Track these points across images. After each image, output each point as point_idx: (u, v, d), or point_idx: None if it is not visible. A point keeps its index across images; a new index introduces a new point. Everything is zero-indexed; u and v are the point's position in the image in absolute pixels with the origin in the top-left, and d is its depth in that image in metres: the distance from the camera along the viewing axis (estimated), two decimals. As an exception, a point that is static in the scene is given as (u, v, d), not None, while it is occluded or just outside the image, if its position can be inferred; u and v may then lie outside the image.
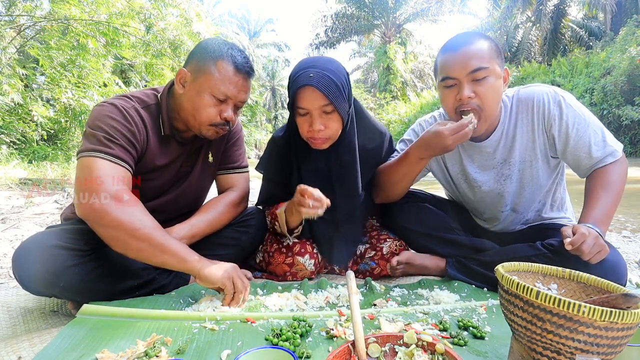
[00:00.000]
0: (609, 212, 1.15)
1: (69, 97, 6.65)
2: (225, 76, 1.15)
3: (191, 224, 1.25)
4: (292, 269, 1.42)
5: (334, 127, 1.23)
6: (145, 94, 1.24)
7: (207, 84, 1.15)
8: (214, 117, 1.18)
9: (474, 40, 1.15)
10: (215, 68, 1.15)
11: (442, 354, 0.73)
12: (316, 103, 1.17)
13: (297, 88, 1.18)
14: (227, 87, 1.16)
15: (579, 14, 19.22)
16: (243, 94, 1.21)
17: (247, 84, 1.21)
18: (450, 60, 1.16)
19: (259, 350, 0.75)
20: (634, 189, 5.05)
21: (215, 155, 1.38)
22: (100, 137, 1.06)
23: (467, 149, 1.36)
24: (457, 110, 1.18)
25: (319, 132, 1.21)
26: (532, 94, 1.24)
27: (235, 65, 1.16)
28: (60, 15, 6.13)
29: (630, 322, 0.60)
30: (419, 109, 18.79)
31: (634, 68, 10.64)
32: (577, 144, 1.20)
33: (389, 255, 1.46)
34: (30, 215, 3.15)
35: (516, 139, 1.28)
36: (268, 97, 26.82)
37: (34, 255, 0.99)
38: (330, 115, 1.20)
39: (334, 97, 1.16)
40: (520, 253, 1.24)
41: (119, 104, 1.13)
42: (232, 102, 1.20)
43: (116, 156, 1.06)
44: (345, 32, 23.56)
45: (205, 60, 1.16)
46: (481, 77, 1.12)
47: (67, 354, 0.82)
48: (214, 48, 1.17)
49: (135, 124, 1.14)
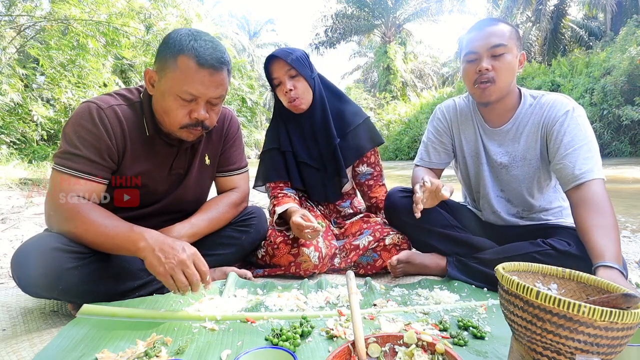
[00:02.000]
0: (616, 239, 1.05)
1: (69, 97, 6.65)
2: (187, 73, 1.03)
3: (191, 223, 1.24)
4: (297, 260, 1.47)
5: (302, 87, 1.56)
6: (129, 91, 1.18)
7: (169, 83, 1.05)
8: (183, 118, 1.08)
9: (497, 23, 1.28)
10: (176, 65, 1.03)
11: (442, 354, 0.73)
12: (282, 70, 1.54)
13: (267, 63, 1.57)
14: (191, 85, 1.04)
15: (579, 14, 19.21)
16: (213, 89, 1.07)
17: (216, 78, 1.06)
18: (474, 37, 1.28)
19: (259, 350, 0.75)
20: (634, 189, 5.05)
21: (213, 158, 1.35)
22: (66, 150, 1.06)
23: (485, 131, 1.43)
24: (475, 82, 1.29)
25: (291, 91, 1.54)
26: (551, 100, 1.30)
27: (197, 58, 1.02)
28: (60, 15, 6.13)
29: (630, 322, 0.60)
30: (419, 109, 18.78)
31: (634, 68, 10.63)
32: (567, 153, 1.21)
33: (391, 247, 1.54)
34: (30, 215, 3.15)
35: (523, 135, 1.34)
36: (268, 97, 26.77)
37: (33, 258, 0.98)
38: (297, 78, 1.55)
39: (293, 62, 1.52)
40: (522, 250, 1.25)
41: (94, 106, 1.08)
42: (203, 100, 1.08)
43: (80, 170, 1.06)
44: (345, 32, 23.54)
45: (166, 56, 1.05)
46: (499, 53, 1.24)
47: (67, 354, 0.82)
48: (174, 42, 1.04)
49: (107, 127, 1.08)
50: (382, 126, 19.83)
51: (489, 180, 1.45)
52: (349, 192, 1.82)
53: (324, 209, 1.80)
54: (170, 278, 0.97)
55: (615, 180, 5.93)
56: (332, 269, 1.58)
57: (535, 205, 1.40)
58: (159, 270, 0.97)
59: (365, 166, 1.73)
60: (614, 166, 8.18)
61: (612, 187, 5.07)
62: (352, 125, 1.69)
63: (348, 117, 1.70)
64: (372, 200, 1.75)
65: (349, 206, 1.81)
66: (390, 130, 19.51)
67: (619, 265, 0.98)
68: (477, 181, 1.49)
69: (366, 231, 1.61)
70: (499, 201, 1.45)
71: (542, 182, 1.37)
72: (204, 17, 8.57)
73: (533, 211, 1.42)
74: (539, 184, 1.37)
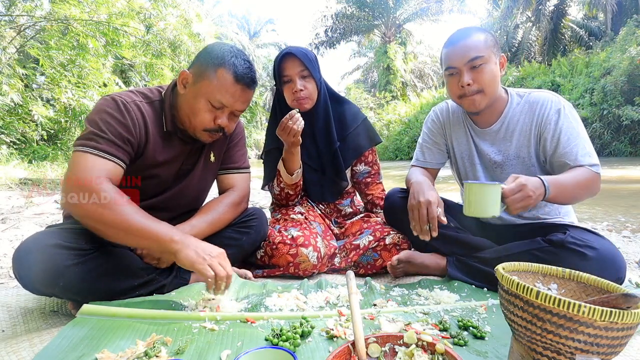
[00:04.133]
0: (566, 185, 1.18)
1: (69, 97, 6.66)
2: (223, 85, 1.15)
3: (192, 224, 1.25)
4: (296, 260, 1.47)
5: (311, 87, 1.57)
6: (150, 90, 1.26)
7: (205, 89, 1.15)
8: (208, 122, 1.18)
9: (471, 34, 1.30)
10: (215, 75, 1.15)
11: (442, 354, 0.73)
12: (296, 69, 1.54)
13: (281, 57, 1.56)
14: (224, 95, 1.16)
15: (579, 14, 19.21)
16: (240, 103, 1.20)
17: (245, 95, 1.20)
18: (451, 52, 1.31)
19: (259, 350, 0.75)
20: (634, 189, 5.05)
21: (217, 155, 1.38)
22: (91, 132, 1.08)
23: (476, 131, 1.46)
24: (460, 97, 1.33)
25: (300, 91, 1.55)
26: (539, 98, 1.34)
27: (235, 74, 1.15)
28: (60, 15, 6.13)
29: (630, 322, 0.60)
30: (419, 109, 18.79)
31: (634, 68, 10.63)
32: (565, 151, 1.26)
33: (391, 246, 1.54)
34: (30, 215, 3.15)
35: (514, 134, 1.36)
36: (268, 97, 26.77)
37: (34, 254, 0.99)
38: (307, 79, 1.56)
39: (308, 63, 1.54)
40: (521, 248, 1.26)
41: (119, 98, 1.15)
42: (229, 110, 1.20)
43: (103, 150, 1.07)
44: (345, 32, 23.54)
45: (207, 65, 1.16)
46: (478, 64, 1.27)
47: (67, 354, 0.82)
48: (217, 54, 1.16)
49: (132, 117, 1.14)
50: (382, 126, 19.83)
51: (484, 180, 1.46)
52: (348, 191, 1.83)
53: (324, 208, 1.80)
54: (209, 268, 1.01)
55: (615, 180, 5.93)
56: (332, 268, 1.58)
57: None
58: (197, 260, 1.02)
59: (363, 165, 1.76)
60: (614, 166, 8.18)
61: (612, 187, 5.07)
62: (351, 127, 1.72)
63: (348, 120, 1.72)
64: (368, 197, 1.78)
65: (349, 205, 1.82)
66: (390, 130, 19.52)
67: (547, 184, 1.13)
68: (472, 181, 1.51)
69: (366, 231, 1.61)
70: None
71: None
72: (204, 17, 8.57)
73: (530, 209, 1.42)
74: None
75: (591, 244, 1.16)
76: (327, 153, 1.69)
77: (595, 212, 3.38)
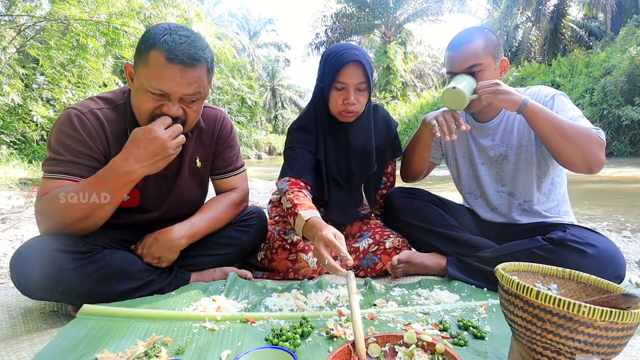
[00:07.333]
0: (556, 116, 1.20)
1: (69, 97, 6.65)
2: (156, 68, 0.99)
3: (191, 222, 1.24)
4: (295, 266, 1.45)
5: (363, 102, 1.39)
6: (114, 93, 1.18)
7: (142, 78, 1.02)
8: (150, 112, 1.05)
9: (472, 39, 1.31)
10: (148, 59, 1.00)
11: (442, 354, 0.73)
12: (357, 79, 1.32)
13: (345, 62, 1.30)
14: (160, 81, 1.00)
15: (579, 14, 19.21)
16: (185, 86, 1.02)
17: (187, 75, 1.02)
18: (451, 58, 1.35)
19: (259, 350, 0.75)
20: (634, 189, 5.05)
21: (204, 160, 1.33)
22: (49, 157, 1.08)
23: (475, 127, 1.48)
24: None
25: (353, 105, 1.35)
26: (535, 89, 1.38)
27: (167, 54, 0.98)
28: (60, 15, 6.12)
29: (630, 322, 0.60)
30: (419, 109, 18.76)
31: (634, 68, 10.62)
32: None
33: (391, 250, 1.52)
34: (30, 215, 3.15)
35: (515, 124, 1.40)
36: (268, 97, 26.77)
37: (32, 260, 0.98)
38: (362, 92, 1.36)
39: (370, 74, 1.34)
40: (521, 247, 1.26)
41: (73, 112, 1.09)
42: (175, 97, 1.04)
43: (63, 172, 1.06)
44: (345, 32, 23.54)
45: (141, 50, 1.02)
46: (477, 71, 1.30)
47: (67, 354, 0.82)
48: (149, 35, 1.02)
49: (88, 130, 1.08)
50: (382, 126, 19.78)
51: (487, 178, 1.48)
52: None
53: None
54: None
55: (615, 180, 5.93)
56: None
57: (535, 195, 1.41)
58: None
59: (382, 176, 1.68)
60: (614, 166, 8.19)
61: (612, 187, 5.07)
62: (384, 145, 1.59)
63: (383, 139, 1.57)
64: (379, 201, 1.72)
65: None
66: (390, 130, 19.46)
67: (527, 99, 1.20)
68: (472, 180, 1.53)
69: (366, 233, 1.59)
70: (500, 196, 1.47)
71: (542, 168, 1.40)
72: (203, 17, 8.56)
73: (533, 203, 1.43)
74: (539, 170, 1.40)
75: (591, 242, 1.16)
76: (360, 175, 1.53)
77: (595, 212, 3.38)
